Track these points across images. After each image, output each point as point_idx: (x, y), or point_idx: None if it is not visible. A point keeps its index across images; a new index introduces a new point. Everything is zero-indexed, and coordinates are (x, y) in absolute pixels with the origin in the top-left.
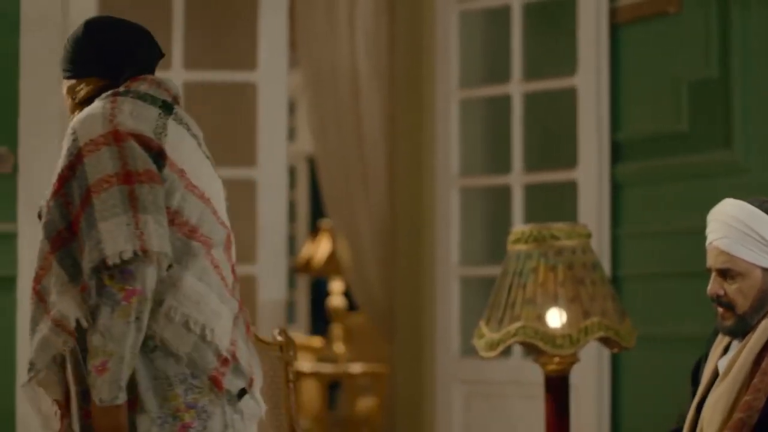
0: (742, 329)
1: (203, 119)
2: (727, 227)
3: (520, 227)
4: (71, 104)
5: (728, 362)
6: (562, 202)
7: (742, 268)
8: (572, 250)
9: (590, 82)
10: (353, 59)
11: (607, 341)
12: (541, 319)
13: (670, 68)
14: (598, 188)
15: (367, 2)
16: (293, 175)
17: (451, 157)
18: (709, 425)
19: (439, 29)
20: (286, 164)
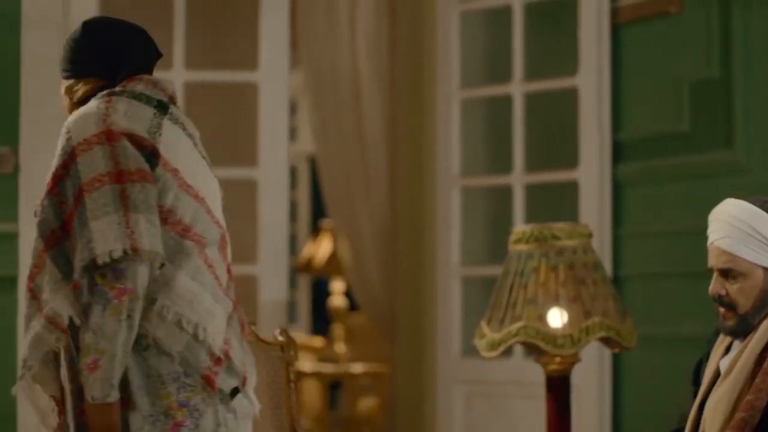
0: (743, 329)
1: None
2: (729, 227)
3: (521, 227)
4: (69, 104)
5: (730, 362)
6: (563, 202)
7: (743, 268)
8: (573, 250)
9: (591, 82)
10: (354, 59)
11: (608, 341)
12: (542, 319)
13: (671, 68)
14: (599, 188)
15: (367, 3)
16: (294, 175)
17: (452, 157)
18: (711, 425)
19: (440, 29)
20: (287, 164)
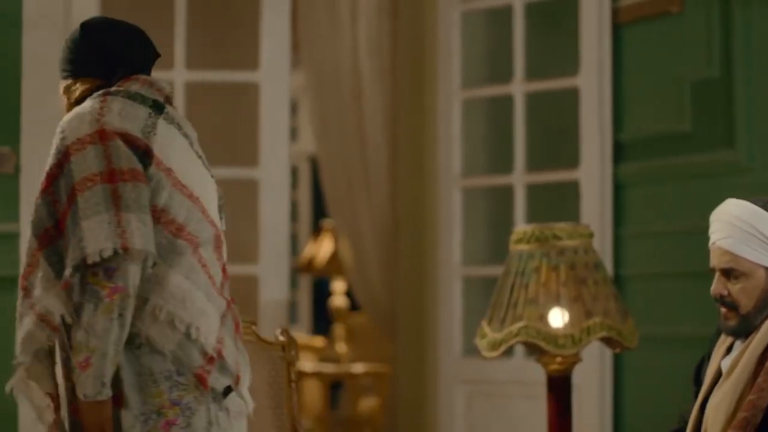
0: (745, 329)
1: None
2: (731, 227)
3: (522, 227)
4: (67, 104)
5: (731, 362)
6: (564, 202)
7: (745, 268)
8: (574, 250)
9: (592, 82)
10: (355, 60)
11: (609, 341)
12: (543, 319)
13: (672, 68)
14: (600, 188)
15: (369, 3)
16: (295, 175)
17: (453, 157)
18: (712, 425)
19: (441, 29)
20: (288, 164)
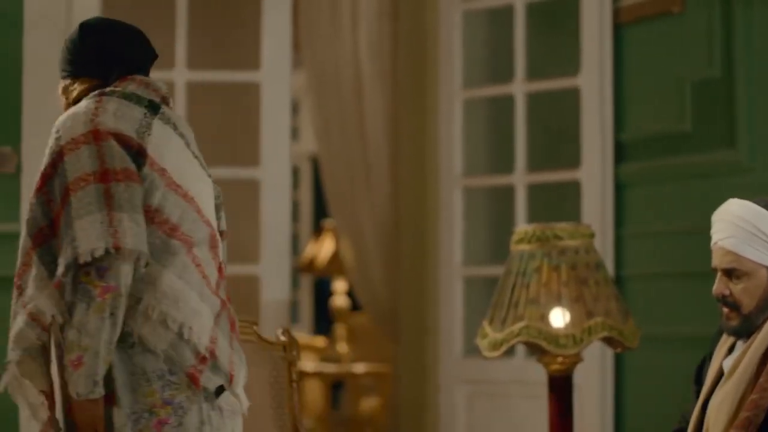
0: (747, 329)
1: (206, 119)
2: (733, 227)
3: (523, 227)
4: (65, 104)
5: (733, 362)
6: (565, 202)
7: (748, 267)
8: (575, 250)
9: (593, 81)
10: (357, 60)
11: (610, 341)
12: (544, 318)
13: (673, 68)
14: (601, 188)
15: (370, 3)
16: (296, 175)
17: (454, 157)
18: (714, 425)
19: (442, 29)
20: (289, 164)
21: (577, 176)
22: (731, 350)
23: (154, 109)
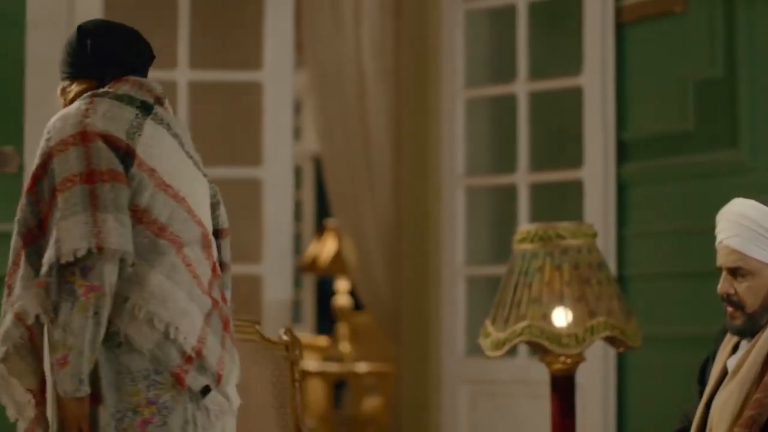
0: (751, 328)
1: (209, 119)
2: (738, 226)
3: (525, 226)
4: (63, 105)
5: (737, 361)
6: (567, 201)
7: (752, 266)
8: (578, 249)
9: (596, 81)
10: (359, 59)
11: (613, 340)
12: (546, 318)
13: (675, 67)
14: (603, 188)
15: (372, 2)
16: (299, 174)
17: (456, 156)
18: (718, 424)
19: (444, 29)
20: (291, 164)
21: (579, 176)
22: (735, 349)
23: (146, 109)
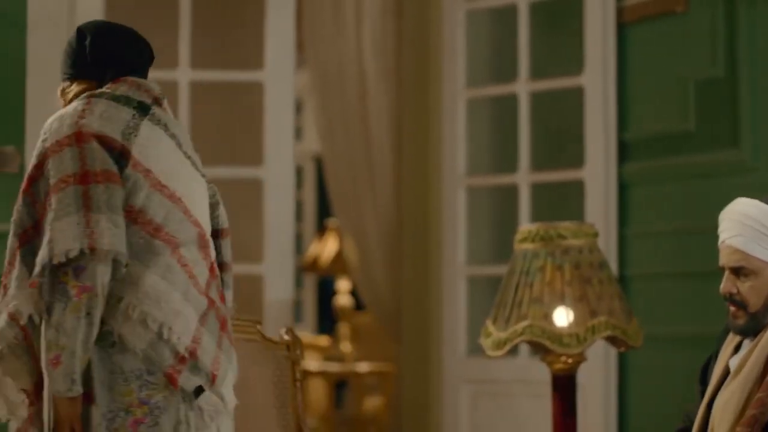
0: (753, 328)
1: (210, 119)
2: (741, 225)
3: (527, 226)
4: (63, 105)
5: (740, 361)
6: (568, 201)
7: (755, 266)
8: (579, 249)
9: (597, 81)
10: (360, 59)
11: (614, 340)
12: (548, 318)
13: (676, 67)
14: (604, 187)
15: (373, 2)
16: (300, 174)
17: (457, 156)
18: (720, 423)
19: (445, 29)
20: (292, 164)
21: (580, 175)
22: (737, 349)
23: (143, 110)
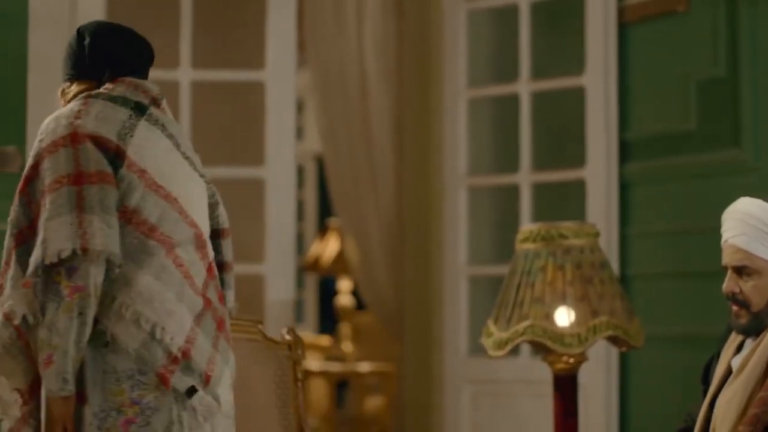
0: (756, 327)
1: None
2: (744, 225)
3: (528, 226)
4: (63, 105)
5: (742, 360)
6: (570, 201)
7: (758, 265)
8: (580, 249)
9: (598, 81)
10: (361, 59)
11: (615, 340)
12: (549, 318)
13: (678, 67)
14: (606, 187)
15: (375, 3)
16: (301, 174)
17: (459, 156)
18: (722, 423)
19: (447, 29)
20: (294, 163)
21: (581, 175)
22: (740, 349)
23: (140, 110)
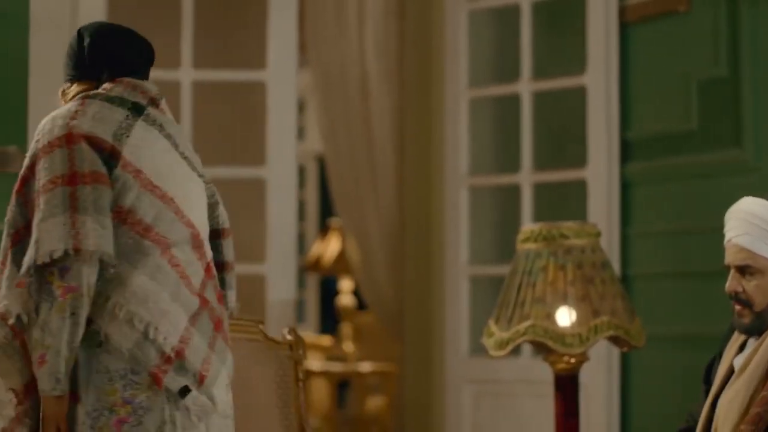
0: (758, 327)
1: (212, 119)
2: (747, 224)
3: (529, 226)
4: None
5: (744, 360)
6: (571, 201)
7: (761, 265)
8: (582, 249)
9: (599, 81)
10: (363, 60)
11: (616, 340)
12: (550, 317)
13: (679, 67)
14: (607, 187)
15: (376, 2)
16: (302, 174)
17: (460, 156)
18: (724, 422)
19: (448, 29)
20: (295, 163)
21: (583, 175)
22: (742, 348)
23: (138, 111)
